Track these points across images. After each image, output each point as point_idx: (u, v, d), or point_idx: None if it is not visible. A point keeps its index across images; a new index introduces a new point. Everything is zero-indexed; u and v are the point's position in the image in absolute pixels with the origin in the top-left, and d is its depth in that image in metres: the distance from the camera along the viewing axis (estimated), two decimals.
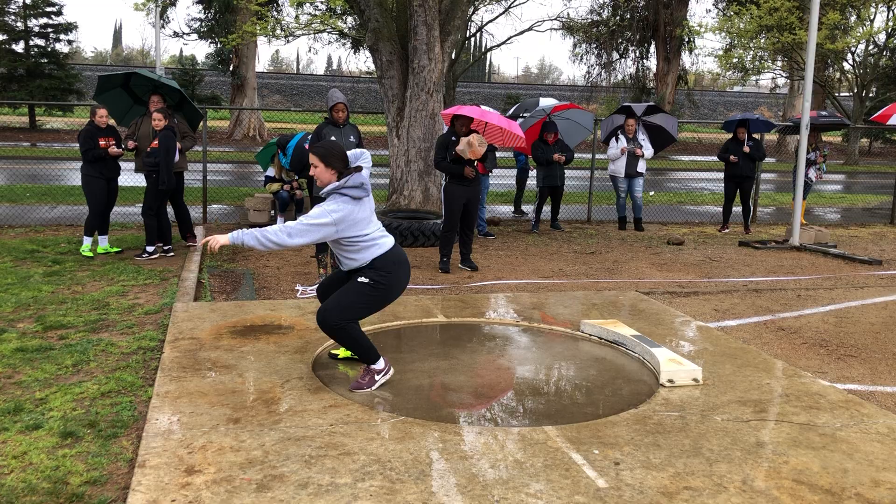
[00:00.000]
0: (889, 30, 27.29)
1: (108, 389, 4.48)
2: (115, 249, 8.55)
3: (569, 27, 32.00)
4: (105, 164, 8.30)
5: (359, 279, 4.49)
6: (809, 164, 12.37)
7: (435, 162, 8.30)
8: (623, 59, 34.97)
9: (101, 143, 8.21)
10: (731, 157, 11.49)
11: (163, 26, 29.67)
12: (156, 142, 8.20)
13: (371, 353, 4.55)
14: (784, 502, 3.29)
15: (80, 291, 6.80)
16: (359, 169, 4.50)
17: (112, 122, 8.62)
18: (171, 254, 8.55)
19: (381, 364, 4.60)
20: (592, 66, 35.28)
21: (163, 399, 4.24)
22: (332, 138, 7.60)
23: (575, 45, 34.70)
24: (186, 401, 4.22)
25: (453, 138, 8.13)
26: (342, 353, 5.08)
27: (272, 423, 3.95)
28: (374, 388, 4.54)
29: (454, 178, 8.12)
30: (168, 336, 5.38)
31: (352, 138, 7.88)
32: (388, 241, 4.57)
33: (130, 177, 12.11)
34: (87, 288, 6.94)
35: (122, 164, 8.53)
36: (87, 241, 8.37)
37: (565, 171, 11.32)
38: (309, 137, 10.16)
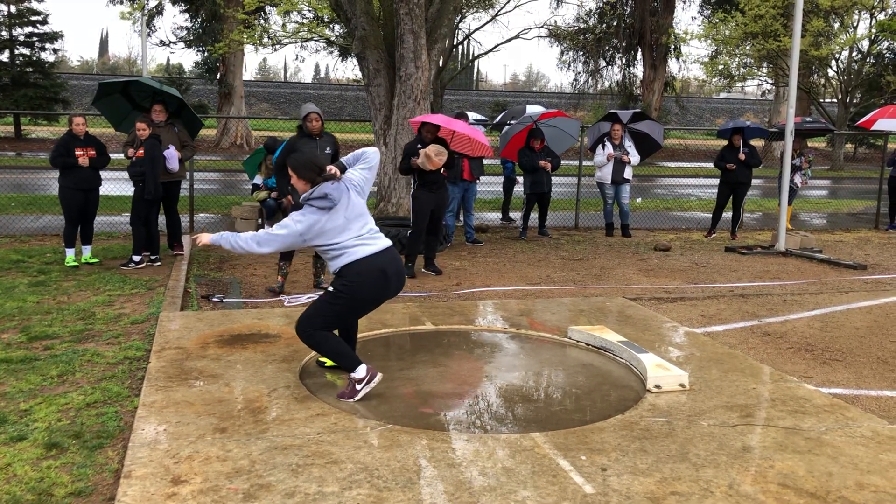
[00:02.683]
0: (872, 37, 27.56)
1: (94, 400, 4.45)
2: (94, 260, 8.48)
3: (555, 35, 32.16)
4: (81, 175, 8.15)
5: (328, 287, 4.55)
6: (794, 169, 12.46)
7: (400, 168, 8.48)
8: (610, 67, 35.20)
9: (78, 152, 8.07)
10: (728, 165, 11.55)
11: (149, 35, 29.64)
12: (141, 151, 8.17)
13: (347, 360, 4.50)
14: None
15: (66, 301, 6.75)
16: (333, 177, 4.46)
17: (90, 130, 8.51)
18: (158, 263, 8.51)
19: (361, 372, 4.49)
20: (580, 73, 35.51)
21: (149, 409, 4.21)
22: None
23: (562, 53, 34.91)
24: (173, 410, 4.20)
25: (419, 146, 8.22)
26: (329, 361, 5.07)
27: (259, 433, 3.93)
28: (355, 399, 4.46)
29: (423, 185, 8.24)
30: (154, 346, 5.36)
31: (328, 150, 7.80)
32: (361, 250, 4.46)
33: (118, 185, 12.07)
34: (72, 298, 6.90)
35: (117, 174, 8.42)
36: (70, 252, 8.31)
37: (552, 177, 11.35)
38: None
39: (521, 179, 12.14)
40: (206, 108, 34.58)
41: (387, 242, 4.62)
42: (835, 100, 30.94)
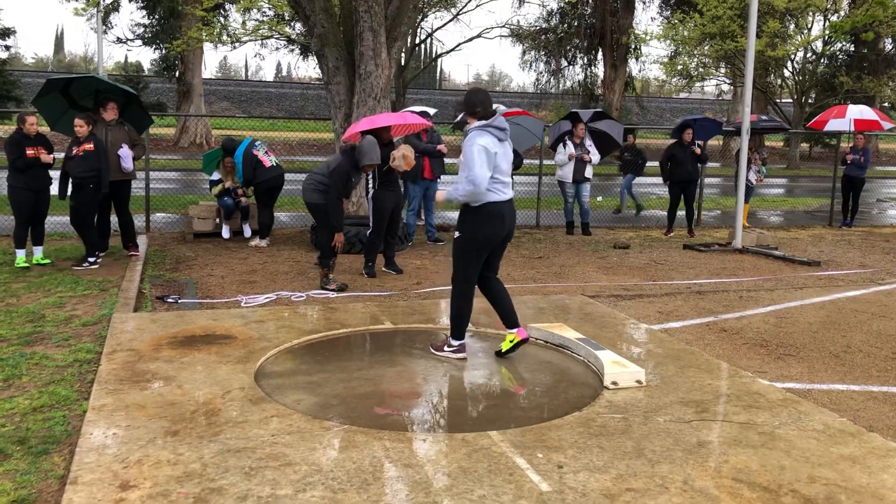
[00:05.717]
0: (825, 38, 28.13)
1: (41, 404, 4.33)
2: (46, 261, 8.27)
3: (517, 34, 32.28)
4: (33, 175, 7.92)
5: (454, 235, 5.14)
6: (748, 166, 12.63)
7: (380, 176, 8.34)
8: (571, 67, 35.44)
9: (29, 151, 7.86)
10: (695, 148, 11.64)
11: (105, 32, 29.08)
12: (87, 146, 7.96)
13: (457, 328, 5.22)
14: (723, 501, 3.33)
15: (15, 304, 6.57)
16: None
17: (42, 129, 8.30)
18: (98, 263, 8.27)
19: (456, 344, 5.25)
20: (542, 73, 35.68)
21: (98, 413, 4.11)
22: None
23: (524, 53, 35.06)
24: (123, 414, 4.10)
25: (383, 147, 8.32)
26: (505, 346, 5.34)
27: (212, 436, 3.86)
28: (440, 353, 5.27)
29: (382, 185, 8.19)
30: (106, 348, 5.23)
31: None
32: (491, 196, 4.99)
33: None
34: (22, 300, 6.71)
35: (53, 174, 8.20)
36: (20, 253, 8.09)
37: (513, 176, 11.35)
38: (257, 143, 10.07)
39: None
40: (164, 107, 34.01)
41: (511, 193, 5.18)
42: (791, 100, 31.54)
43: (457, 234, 5.13)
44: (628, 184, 14.78)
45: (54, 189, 8.16)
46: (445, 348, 5.28)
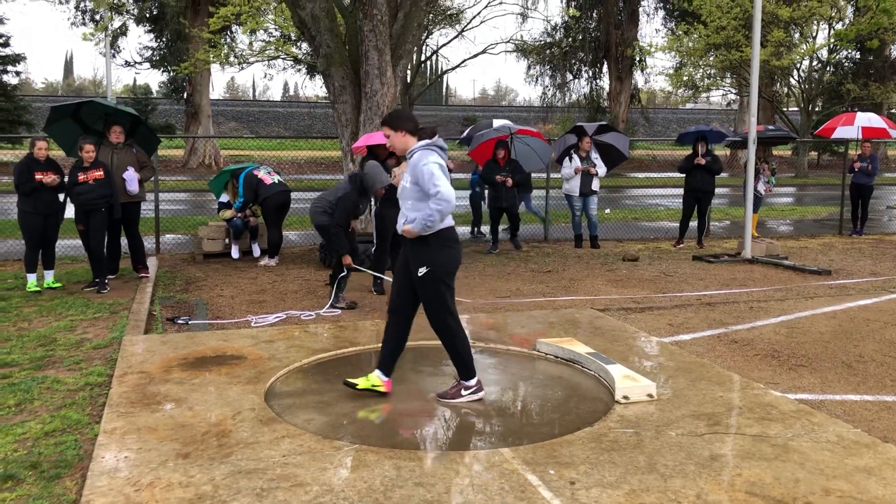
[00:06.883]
0: (830, 46, 28.12)
1: (53, 428, 4.34)
2: (57, 285, 8.31)
3: (522, 49, 32.42)
4: (41, 199, 7.97)
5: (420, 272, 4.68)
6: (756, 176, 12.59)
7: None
8: (577, 80, 35.57)
9: (38, 176, 7.90)
10: (697, 160, 11.56)
11: (114, 56, 29.39)
12: (97, 173, 8.05)
13: (464, 366, 4.79)
14: None
15: (26, 328, 6.61)
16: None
17: (53, 154, 8.38)
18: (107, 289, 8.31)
19: (472, 383, 4.80)
20: (547, 87, 35.82)
21: (110, 436, 4.12)
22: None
23: (529, 67, 35.22)
24: (135, 437, 4.11)
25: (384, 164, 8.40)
26: (363, 383, 4.84)
27: (223, 457, 3.86)
28: (456, 400, 4.76)
29: (385, 202, 8.19)
30: (116, 371, 5.25)
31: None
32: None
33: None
34: (33, 324, 6.75)
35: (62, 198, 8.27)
36: (31, 277, 8.13)
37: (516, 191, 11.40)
38: (260, 166, 10.18)
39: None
40: (173, 129, 34.30)
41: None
42: (797, 108, 31.49)
43: (422, 270, 4.66)
44: (528, 201, 13.18)
45: (66, 213, 8.25)
46: (463, 392, 4.78)
